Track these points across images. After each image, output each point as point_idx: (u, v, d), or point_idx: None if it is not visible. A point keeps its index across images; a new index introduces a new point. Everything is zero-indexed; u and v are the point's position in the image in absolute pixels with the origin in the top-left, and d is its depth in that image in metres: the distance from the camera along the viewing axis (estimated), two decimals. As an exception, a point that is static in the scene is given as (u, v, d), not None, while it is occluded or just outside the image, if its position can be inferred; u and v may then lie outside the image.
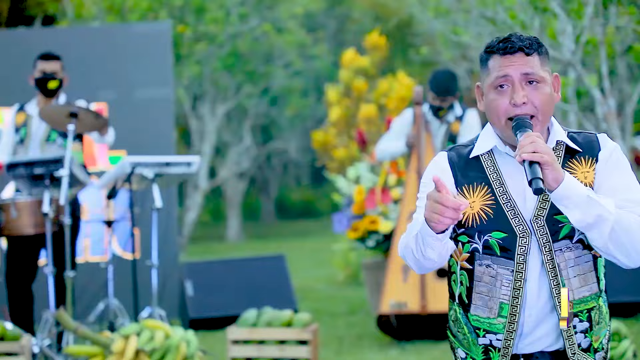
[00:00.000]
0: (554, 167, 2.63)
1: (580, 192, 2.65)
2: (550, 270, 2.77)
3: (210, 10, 12.95)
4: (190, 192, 15.46)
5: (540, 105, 2.76)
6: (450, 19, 11.18)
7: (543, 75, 2.78)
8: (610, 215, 2.65)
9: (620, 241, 2.67)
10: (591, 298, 2.79)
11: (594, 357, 2.81)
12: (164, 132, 8.28)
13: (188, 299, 7.80)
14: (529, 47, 2.78)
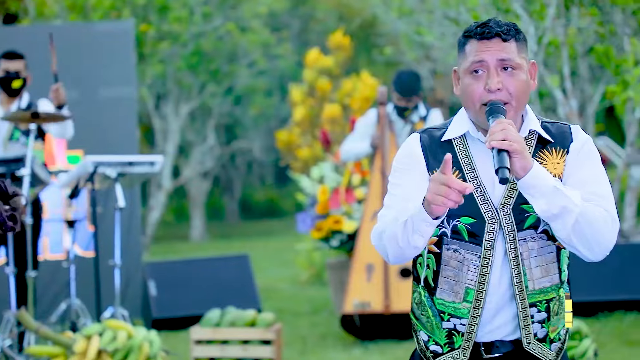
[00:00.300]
0: (522, 155, 2.63)
1: (548, 182, 2.66)
2: (512, 259, 2.78)
3: (173, 10, 12.90)
4: (153, 191, 15.40)
5: (515, 92, 2.75)
6: (414, 20, 11.23)
7: (519, 62, 2.76)
8: (575, 207, 2.66)
9: (583, 234, 2.68)
10: (551, 289, 2.80)
11: (549, 347, 2.82)
12: (127, 132, 8.24)
13: (151, 299, 7.76)
14: (506, 32, 2.76)
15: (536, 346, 2.81)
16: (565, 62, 8.96)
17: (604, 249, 2.71)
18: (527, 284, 2.78)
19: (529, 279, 2.78)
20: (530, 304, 2.78)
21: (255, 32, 15.30)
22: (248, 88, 17.11)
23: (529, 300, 2.78)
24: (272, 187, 22.65)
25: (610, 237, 2.71)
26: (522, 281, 2.78)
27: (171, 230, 19.02)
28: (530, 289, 2.78)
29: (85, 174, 6.29)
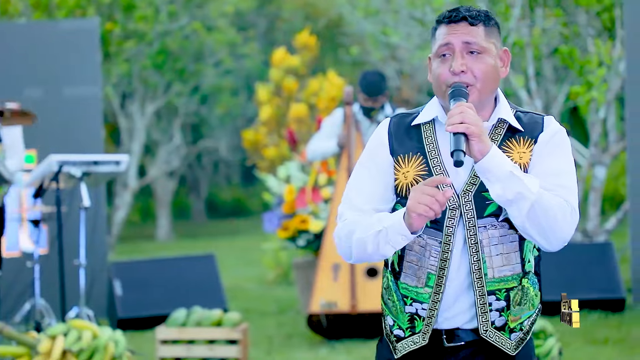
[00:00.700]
0: (480, 138, 2.63)
1: (504, 167, 2.65)
2: (471, 246, 2.78)
3: (139, 8, 12.84)
4: (119, 191, 15.33)
5: (480, 75, 2.75)
6: (380, 20, 11.26)
7: (486, 46, 2.76)
8: (530, 194, 2.65)
9: (538, 221, 2.67)
10: (512, 278, 2.78)
11: (508, 337, 2.81)
12: (92, 131, 8.20)
13: (116, 299, 7.73)
14: (474, 17, 2.77)
15: (494, 334, 2.80)
16: (530, 62, 9.03)
17: (561, 240, 2.71)
18: (487, 272, 2.77)
19: (488, 266, 2.77)
20: (488, 291, 2.78)
21: (221, 31, 15.27)
22: (214, 87, 17.07)
23: (488, 288, 2.77)
24: (238, 186, 22.62)
25: (567, 227, 2.70)
26: (481, 269, 2.77)
27: (137, 229, 18.93)
28: (490, 277, 2.78)
29: (49, 173, 6.25)
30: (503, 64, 2.83)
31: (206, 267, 8.08)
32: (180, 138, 16.96)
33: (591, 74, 8.50)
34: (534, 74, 9.05)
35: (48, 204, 6.69)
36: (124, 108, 15.25)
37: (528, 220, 2.68)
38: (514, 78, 8.83)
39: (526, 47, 9.00)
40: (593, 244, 8.33)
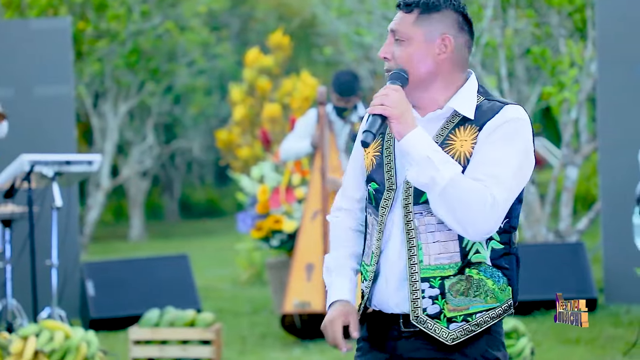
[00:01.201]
0: (399, 120, 2.68)
1: (421, 150, 2.66)
2: (408, 232, 2.77)
3: (111, 8, 12.79)
4: (91, 190, 15.26)
5: (402, 62, 2.79)
6: (353, 20, 11.28)
7: (409, 34, 2.78)
8: (442, 180, 2.64)
9: (452, 209, 2.65)
10: (449, 267, 2.75)
11: (445, 326, 2.76)
12: (64, 130, 8.16)
13: (89, 299, 7.70)
14: (408, 4, 2.80)
15: (425, 321, 2.76)
16: (503, 63, 9.07)
17: (479, 230, 2.68)
18: (422, 259, 2.76)
19: (424, 253, 2.75)
20: (422, 278, 2.76)
21: (194, 31, 15.23)
22: (187, 87, 17.03)
23: (422, 275, 2.75)
24: (212, 186, 22.56)
25: (485, 218, 2.66)
26: (417, 254, 2.76)
27: (110, 229, 18.86)
28: (426, 264, 2.76)
29: (21, 172, 6.21)
30: (441, 51, 2.78)
31: (179, 268, 8.06)
32: (153, 138, 16.91)
33: (563, 75, 8.55)
34: (506, 75, 9.10)
35: (20, 204, 6.65)
36: (96, 107, 15.18)
37: (440, 206, 2.67)
38: (487, 79, 8.87)
39: (499, 47, 9.04)
40: (565, 244, 8.38)
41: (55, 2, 11.56)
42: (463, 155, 2.73)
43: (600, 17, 7.96)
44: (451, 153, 2.73)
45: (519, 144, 2.74)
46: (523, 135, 2.76)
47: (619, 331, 7.02)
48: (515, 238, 2.84)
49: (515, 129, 2.75)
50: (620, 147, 7.80)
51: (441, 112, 2.80)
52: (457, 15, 2.80)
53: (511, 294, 2.83)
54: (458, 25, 2.80)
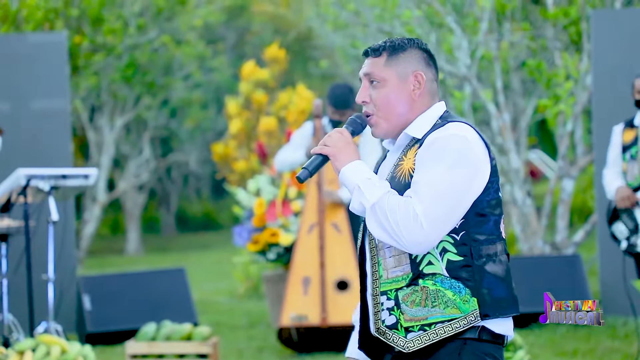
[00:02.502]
0: (336, 157, 2.93)
1: (353, 180, 2.89)
2: (371, 250, 2.97)
3: (107, 21, 12.80)
4: (88, 204, 15.24)
5: (380, 103, 2.97)
6: (349, 33, 11.30)
7: (383, 76, 2.96)
8: (368, 203, 2.84)
9: (381, 224, 2.83)
10: (402, 279, 2.89)
11: (403, 335, 2.88)
12: (60, 144, 8.16)
13: (85, 313, 7.68)
14: (376, 49, 2.99)
15: (384, 332, 2.92)
16: (498, 75, 9.09)
17: (410, 242, 2.80)
18: (382, 273, 2.93)
19: (383, 268, 2.93)
20: (381, 291, 2.93)
21: (190, 44, 15.25)
22: (184, 101, 17.04)
23: (382, 289, 2.93)
24: (208, 200, 22.55)
25: (411, 230, 2.78)
26: (377, 270, 2.94)
27: (106, 243, 18.84)
28: (384, 278, 2.93)
29: (17, 187, 6.21)
30: (415, 87, 2.97)
31: (176, 281, 8.05)
32: (150, 151, 16.91)
33: (559, 87, 8.57)
34: (502, 87, 9.11)
35: (16, 218, 6.64)
36: (92, 121, 15.18)
37: (373, 227, 2.85)
38: (483, 91, 8.89)
39: (494, 60, 9.06)
40: (561, 256, 8.39)
41: (51, 16, 11.57)
42: (407, 173, 2.91)
43: (596, 30, 7.98)
44: (399, 173, 2.92)
45: (446, 160, 2.84)
46: (452, 150, 2.86)
47: (616, 343, 7.02)
48: (484, 251, 2.88)
49: (444, 144, 2.87)
50: (616, 159, 7.81)
51: (400, 138, 2.99)
52: (421, 52, 3.00)
53: (477, 304, 2.86)
54: (425, 61, 3.00)
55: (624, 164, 6.22)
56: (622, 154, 6.23)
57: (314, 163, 2.95)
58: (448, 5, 9.05)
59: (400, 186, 2.88)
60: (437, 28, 9.17)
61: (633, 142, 6.20)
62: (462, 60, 8.85)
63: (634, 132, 6.22)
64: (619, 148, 6.26)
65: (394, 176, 2.93)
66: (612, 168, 6.30)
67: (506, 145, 9.05)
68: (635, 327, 6.88)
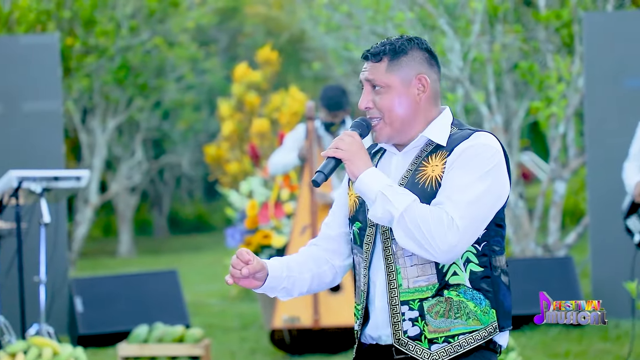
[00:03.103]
0: (351, 162, 2.83)
1: (374, 188, 2.79)
2: (386, 257, 2.87)
3: (100, 23, 12.79)
4: (80, 206, 15.22)
5: (384, 109, 2.90)
6: (342, 35, 11.30)
7: (386, 81, 2.89)
8: (396, 211, 2.75)
9: (410, 233, 2.75)
10: (427, 289, 2.82)
11: (427, 347, 2.82)
12: (52, 146, 8.15)
13: (77, 315, 7.67)
14: (376, 54, 2.91)
15: (406, 343, 2.83)
16: (490, 78, 9.10)
17: (441, 249, 2.74)
18: (401, 282, 2.84)
19: (403, 277, 2.84)
20: (402, 301, 2.84)
21: (183, 46, 15.23)
22: (176, 102, 17.02)
23: (402, 298, 2.84)
24: (201, 201, 22.53)
25: (444, 238, 2.73)
26: (396, 279, 2.84)
27: (99, 245, 18.81)
28: (405, 287, 2.84)
29: (9, 189, 6.20)
30: (420, 90, 2.91)
31: (168, 283, 8.04)
32: (142, 153, 16.89)
33: (551, 90, 8.58)
34: (494, 90, 9.13)
35: (7, 220, 6.63)
36: (85, 123, 15.16)
37: (400, 235, 2.77)
38: (475, 93, 8.90)
39: (486, 62, 9.07)
40: (553, 259, 8.40)
41: (43, 18, 11.56)
42: (434, 180, 2.83)
43: (587, 33, 8.00)
44: (423, 179, 2.84)
45: (480, 168, 2.82)
46: (485, 160, 2.83)
47: (608, 345, 7.03)
48: (498, 262, 2.88)
49: (478, 153, 2.83)
50: (608, 162, 7.83)
51: (415, 142, 2.91)
52: (423, 52, 2.93)
53: (495, 316, 2.87)
54: (427, 62, 2.93)
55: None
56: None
57: (328, 166, 2.87)
58: (440, 7, 9.06)
59: (426, 193, 2.82)
60: (429, 30, 9.18)
61: None
62: (454, 63, 8.86)
63: None
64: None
65: (416, 181, 2.86)
66: (633, 161, 6.29)
67: (498, 147, 9.05)
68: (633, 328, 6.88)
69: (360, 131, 2.90)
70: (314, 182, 2.84)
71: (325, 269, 3.05)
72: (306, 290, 3.04)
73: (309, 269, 3.04)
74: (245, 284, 2.91)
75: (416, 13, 9.05)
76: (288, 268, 3.01)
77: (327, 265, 3.05)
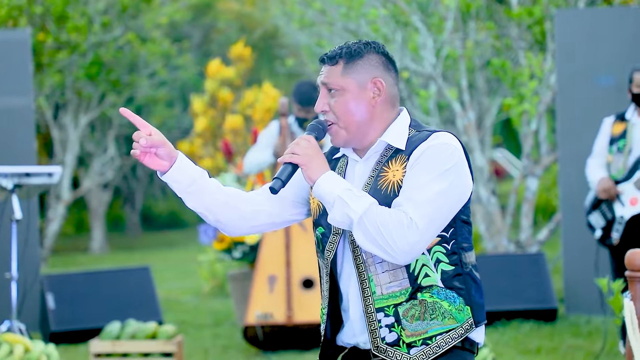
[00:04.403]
0: (308, 167, 2.80)
1: (332, 192, 2.77)
2: (358, 266, 2.85)
3: (72, 19, 12.71)
4: (52, 203, 15.14)
5: (339, 112, 2.88)
6: (315, 31, 11.30)
7: (342, 84, 2.88)
8: (355, 214, 2.74)
9: (371, 235, 2.74)
10: (401, 293, 2.82)
11: (406, 352, 2.83)
12: (24, 142, 8.10)
13: (49, 312, 7.63)
14: (332, 57, 2.90)
15: (385, 350, 2.83)
16: (463, 74, 9.13)
17: (402, 251, 2.74)
18: (375, 290, 2.83)
19: (376, 284, 2.83)
20: (377, 309, 2.83)
21: (155, 42, 15.18)
22: (149, 99, 16.95)
23: (377, 305, 2.83)
24: (174, 198, 22.44)
25: (404, 239, 2.72)
26: (369, 287, 2.84)
27: (71, 242, 18.72)
28: (379, 294, 2.83)
29: (-20, 185, 6.15)
30: (375, 94, 2.89)
31: (141, 280, 8.02)
32: (115, 149, 16.82)
33: (523, 87, 8.62)
34: (467, 86, 9.16)
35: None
36: (56, 119, 15.08)
37: (361, 238, 2.75)
38: (448, 90, 8.93)
39: (459, 59, 9.10)
40: (525, 255, 8.44)
41: (15, 14, 11.48)
42: (396, 184, 2.83)
43: (560, 30, 8.04)
44: (384, 184, 2.83)
45: (439, 167, 2.81)
46: (444, 159, 2.82)
47: (579, 341, 7.08)
48: (467, 258, 2.89)
49: (436, 153, 2.82)
50: (579, 159, 7.87)
51: (374, 147, 2.90)
52: (379, 56, 2.91)
53: (470, 312, 2.87)
54: (384, 66, 2.91)
55: (609, 155, 6.30)
56: (609, 145, 6.31)
57: (285, 172, 2.82)
58: (413, 4, 9.08)
59: (388, 199, 2.81)
60: (402, 27, 9.20)
61: (621, 135, 6.28)
62: (427, 59, 8.88)
63: (624, 125, 6.30)
64: (607, 139, 6.33)
65: (378, 187, 2.84)
66: (596, 158, 6.37)
67: (471, 143, 9.09)
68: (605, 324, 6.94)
69: (316, 134, 2.88)
70: (272, 189, 2.80)
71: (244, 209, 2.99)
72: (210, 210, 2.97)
73: (228, 199, 2.98)
74: (149, 161, 2.93)
75: (389, 10, 9.07)
76: (203, 178, 2.97)
77: (249, 208, 2.99)
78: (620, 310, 4.02)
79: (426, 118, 9.31)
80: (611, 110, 6.85)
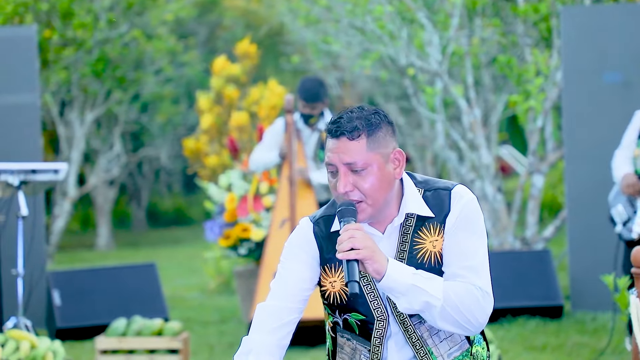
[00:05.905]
0: (373, 259, 2.62)
1: (404, 281, 2.63)
2: (414, 344, 2.78)
3: (78, 16, 12.72)
4: (58, 199, 15.16)
5: (367, 191, 2.70)
6: (321, 28, 11.30)
7: (368, 161, 2.69)
8: (436, 300, 2.65)
9: (453, 319, 2.68)
10: (463, 355, 2.82)
11: None
12: (30, 139, 8.11)
13: (55, 309, 7.64)
14: (352, 131, 2.68)
15: None
16: (469, 71, 9.12)
17: (479, 325, 2.73)
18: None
19: (436, 355, 2.78)
20: None
21: (161, 39, 15.18)
22: (155, 95, 16.97)
23: None
24: (179, 195, 22.48)
25: (482, 312, 2.71)
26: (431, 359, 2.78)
27: (77, 238, 18.74)
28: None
29: (-14, 182, 6.16)
30: (396, 165, 2.75)
31: (147, 276, 8.03)
32: (121, 146, 16.83)
33: (529, 83, 8.61)
34: (473, 83, 9.15)
35: (-15, 213, 6.60)
36: (63, 116, 15.09)
37: (442, 322, 2.69)
38: (454, 87, 8.92)
39: (465, 56, 9.09)
40: (531, 252, 8.44)
41: (21, 10, 11.49)
42: (438, 255, 2.74)
43: (566, 27, 8.03)
44: (425, 256, 2.73)
45: (477, 226, 2.77)
46: (478, 215, 2.78)
47: (585, 338, 7.07)
48: None
49: (466, 214, 2.76)
50: (585, 155, 7.88)
51: (397, 219, 2.78)
52: (388, 125, 2.76)
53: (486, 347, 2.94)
54: (394, 134, 2.77)
55: (637, 149, 6.23)
56: (638, 139, 6.23)
57: (355, 272, 2.59)
58: (419, 0, 9.07)
59: (433, 270, 2.72)
60: (408, 24, 9.19)
61: None
62: (433, 56, 8.88)
63: None
64: (637, 133, 6.25)
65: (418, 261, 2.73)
66: (624, 150, 6.30)
67: (477, 140, 9.09)
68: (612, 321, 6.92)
69: (354, 219, 2.69)
70: (355, 294, 2.61)
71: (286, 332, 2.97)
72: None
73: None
74: None
75: (395, 7, 9.06)
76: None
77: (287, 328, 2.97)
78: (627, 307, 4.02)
79: (432, 115, 9.31)
80: (617, 107, 6.84)
